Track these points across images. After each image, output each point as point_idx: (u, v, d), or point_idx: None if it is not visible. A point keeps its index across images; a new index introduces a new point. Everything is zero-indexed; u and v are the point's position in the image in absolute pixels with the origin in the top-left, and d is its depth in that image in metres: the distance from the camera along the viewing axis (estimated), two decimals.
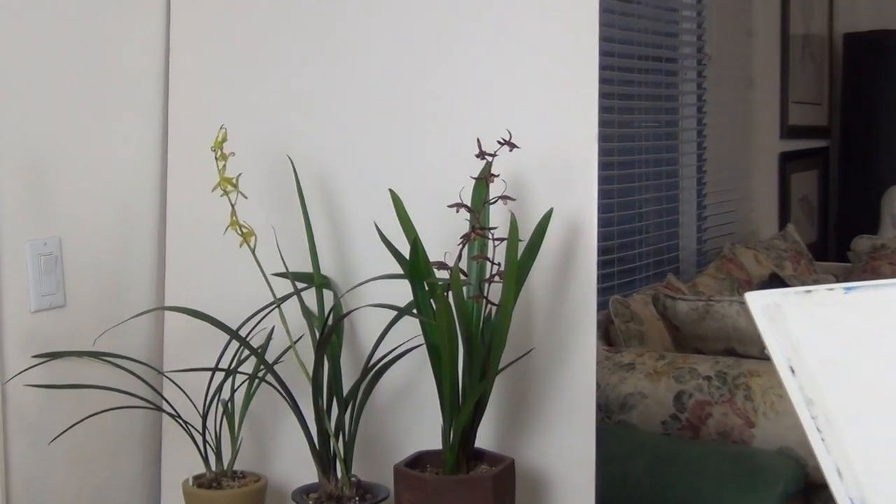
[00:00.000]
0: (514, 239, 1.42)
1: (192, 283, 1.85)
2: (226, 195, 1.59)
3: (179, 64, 1.87)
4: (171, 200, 1.87)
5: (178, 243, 1.87)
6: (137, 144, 1.84)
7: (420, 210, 1.60)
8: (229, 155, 1.60)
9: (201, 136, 1.68)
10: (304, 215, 1.71)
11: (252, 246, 1.61)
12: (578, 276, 1.64)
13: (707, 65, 4.22)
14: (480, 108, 1.70)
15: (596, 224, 1.62)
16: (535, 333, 1.67)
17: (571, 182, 1.64)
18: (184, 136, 1.86)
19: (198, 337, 1.78)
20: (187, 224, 1.86)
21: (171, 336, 1.86)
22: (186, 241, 1.86)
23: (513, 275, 1.44)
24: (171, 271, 1.87)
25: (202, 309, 1.67)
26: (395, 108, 1.76)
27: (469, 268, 1.56)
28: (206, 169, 1.61)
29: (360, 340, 1.77)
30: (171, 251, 1.87)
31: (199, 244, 1.85)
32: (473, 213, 1.51)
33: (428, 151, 1.74)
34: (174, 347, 1.85)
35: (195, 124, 1.85)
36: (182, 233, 1.87)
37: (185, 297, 1.82)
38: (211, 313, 1.66)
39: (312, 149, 1.80)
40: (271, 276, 1.66)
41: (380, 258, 1.60)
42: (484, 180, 1.52)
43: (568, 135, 1.65)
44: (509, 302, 1.46)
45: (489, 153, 1.51)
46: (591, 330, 1.64)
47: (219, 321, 1.65)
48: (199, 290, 1.83)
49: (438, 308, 1.43)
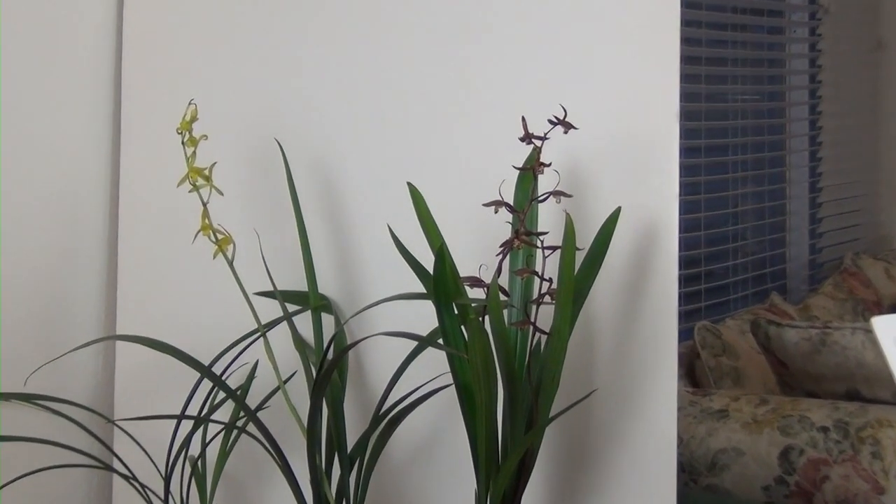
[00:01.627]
0: (570, 247, 1.41)
1: (151, 304, 1.86)
2: (196, 191, 1.60)
3: (136, 19, 1.88)
4: (124, 199, 1.88)
5: (133, 254, 1.87)
6: (80, 123, 1.86)
7: (447, 210, 1.60)
8: (200, 139, 1.60)
9: (164, 114, 1.68)
10: (298, 217, 1.71)
11: (230, 257, 1.61)
12: (654, 296, 1.65)
13: (823, 19, 4.20)
14: (524, 79, 1.71)
15: (677, 228, 1.62)
16: (597, 370, 1.68)
17: (645, 173, 1.64)
18: (141, 113, 1.87)
19: (158, 375, 1.78)
20: (146, 228, 1.87)
21: (124, 374, 1.86)
22: (144, 250, 1.87)
23: (569, 294, 1.43)
24: (124, 290, 1.88)
25: (164, 338, 1.67)
26: (414, 81, 1.78)
27: (511, 285, 1.55)
28: (170, 157, 1.62)
29: (370, 379, 1.77)
30: (125, 264, 1.88)
31: (161, 255, 1.85)
32: (517, 214, 1.50)
33: (457, 134, 1.75)
34: (128, 389, 1.86)
35: (156, 98, 1.86)
36: (139, 240, 1.87)
37: (142, 323, 1.82)
38: (176, 344, 1.66)
39: (309, 131, 1.81)
40: (254, 296, 1.66)
41: (395, 273, 1.60)
42: (531, 171, 1.52)
43: (640, 111, 1.65)
44: (564, 329, 1.45)
45: (537, 136, 1.49)
46: (672, 366, 1.64)
47: (186, 354, 1.65)
48: (161, 315, 1.84)
49: (472, 337, 1.43)
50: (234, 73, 1.86)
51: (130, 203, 1.88)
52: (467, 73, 1.76)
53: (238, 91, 1.85)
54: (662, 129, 1.64)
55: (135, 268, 1.88)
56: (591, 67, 1.68)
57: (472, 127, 1.74)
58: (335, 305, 1.79)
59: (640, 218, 1.63)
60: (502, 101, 1.69)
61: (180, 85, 1.81)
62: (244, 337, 1.70)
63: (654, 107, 1.64)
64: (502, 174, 1.54)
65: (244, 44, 1.87)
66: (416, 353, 1.62)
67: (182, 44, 1.89)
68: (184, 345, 1.67)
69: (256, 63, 1.86)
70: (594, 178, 1.66)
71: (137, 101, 1.88)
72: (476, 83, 1.75)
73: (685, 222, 3.48)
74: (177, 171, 1.61)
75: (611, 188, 1.65)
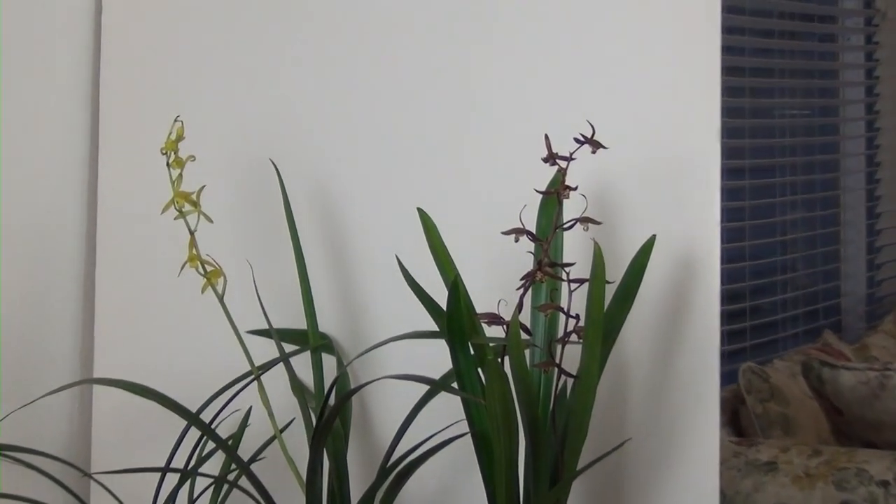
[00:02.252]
0: (599, 280, 1.41)
1: (132, 344, 1.86)
2: (182, 217, 1.60)
3: (115, 28, 1.89)
4: (102, 227, 1.89)
5: (112, 288, 1.88)
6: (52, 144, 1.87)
7: (462, 238, 1.60)
8: (187, 160, 1.60)
9: (147, 133, 1.68)
10: (296, 247, 1.72)
11: (220, 291, 1.62)
12: (694, 335, 1.65)
13: (880, 26, 4.20)
14: (547, 93, 1.71)
15: (719, 258, 1.62)
16: (630, 418, 1.67)
17: (683, 197, 1.65)
18: (121, 132, 1.88)
19: (140, 423, 1.79)
20: (126, 260, 1.87)
21: (101, 422, 1.87)
22: (124, 284, 1.87)
23: (598, 332, 1.42)
24: (102, 328, 1.88)
25: (147, 382, 1.66)
26: (422, 95, 1.78)
27: (534, 322, 1.56)
28: (153, 180, 1.62)
29: (376, 428, 1.77)
30: (104, 299, 1.88)
31: (144, 289, 1.86)
32: (540, 243, 1.50)
33: (473, 154, 1.76)
34: (106, 438, 1.86)
35: (138, 115, 1.86)
36: (118, 273, 1.88)
37: (121, 365, 1.82)
38: (160, 388, 1.65)
39: (307, 152, 1.81)
40: (247, 335, 1.67)
41: (404, 309, 1.60)
42: (555, 195, 1.51)
43: (676, 128, 1.65)
44: (593, 372, 1.45)
45: (562, 156, 1.49)
46: (713, 413, 1.64)
47: (171, 400, 1.63)
48: (143, 356, 1.84)
49: (489, 381, 1.42)
50: (225, 88, 1.87)
51: (109, 232, 1.88)
52: (483, 85, 1.76)
53: (229, 107, 1.86)
54: (702, 148, 1.64)
55: (114, 303, 1.88)
56: (621, 80, 1.69)
57: (489, 146, 1.74)
58: (337, 345, 1.79)
59: (678, 247, 1.63)
60: (522, 118, 1.70)
61: (165, 100, 1.82)
62: (236, 380, 1.69)
63: (693, 123, 1.64)
64: (523, 199, 1.53)
65: (235, 55, 1.87)
66: (428, 398, 1.62)
67: (166, 55, 1.90)
68: (169, 389, 1.66)
69: (249, 77, 1.86)
70: (626, 202, 1.66)
71: (117, 119, 1.89)
72: (493, 97, 1.75)
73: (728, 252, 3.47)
74: (161, 195, 1.61)
75: (644, 214, 1.65)
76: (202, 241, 1.62)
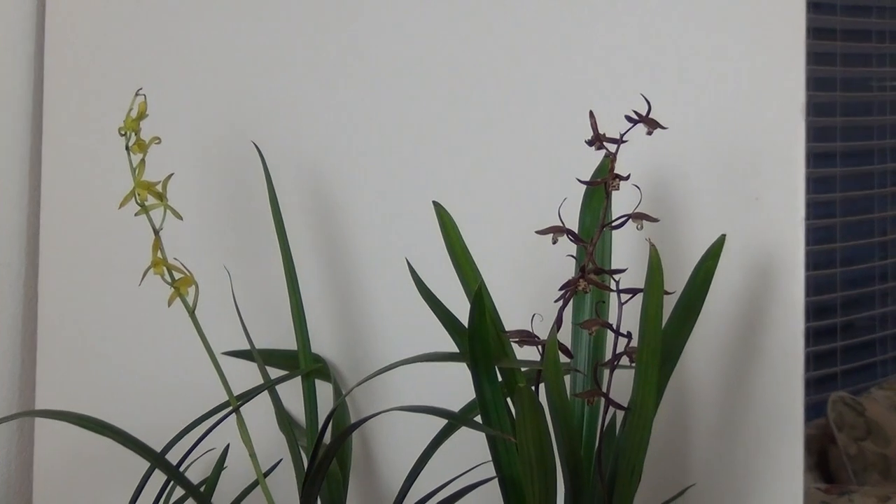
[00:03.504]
0: (656, 291, 1.39)
1: (82, 369, 1.87)
2: (145, 213, 1.60)
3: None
4: (46, 224, 1.90)
5: (57, 300, 1.89)
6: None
7: (487, 239, 1.61)
8: (151, 143, 1.60)
9: (102, 111, 1.71)
10: (284, 250, 1.72)
11: (191, 303, 1.62)
12: (772, 358, 1.65)
13: None
14: (591, 60, 1.72)
15: (803, 264, 1.63)
16: (693, 458, 1.68)
17: (758, 188, 1.65)
18: (69, 106, 1.88)
19: (93, 465, 1.80)
20: (75, 266, 1.88)
21: (45, 463, 1.87)
22: (73, 295, 1.88)
23: (655, 354, 1.41)
24: (46, 349, 1.89)
25: (101, 415, 1.64)
26: (437, 65, 1.79)
27: (576, 342, 1.56)
28: (109, 168, 1.64)
29: (382, 471, 1.78)
30: (47, 314, 1.89)
31: (97, 301, 1.87)
32: (583, 245, 1.50)
33: (499, 137, 1.76)
34: (50, 483, 1.86)
35: (90, 87, 1.87)
36: (66, 281, 1.88)
37: (70, 394, 1.83)
38: (117, 422, 1.63)
39: (298, 135, 1.82)
40: (224, 357, 1.68)
41: (415, 325, 1.62)
42: (602, 186, 1.50)
43: (750, 104, 1.66)
44: (648, 403, 1.43)
45: (611, 138, 1.47)
46: (796, 454, 1.64)
47: (130, 436, 1.62)
48: (96, 383, 1.85)
49: (521, 414, 1.39)
50: (198, 55, 1.88)
51: (55, 231, 1.89)
52: (511, 52, 1.76)
53: (202, 79, 1.87)
54: (782, 129, 1.64)
55: (60, 319, 1.88)
56: (681, 44, 1.69)
57: (520, 126, 1.75)
58: (334, 369, 1.80)
59: (752, 250, 1.64)
60: (561, 91, 1.70)
61: (124, 71, 1.83)
62: (210, 413, 1.68)
63: (771, 97, 1.64)
64: (562, 191, 1.53)
65: (210, 14, 1.88)
66: (445, 435, 1.62)
67: (126, 15, 1.90)
68: (128, 423, 1.65)
69: (227, 42, 1.87)
70: (688, 195, 1.67)
71: (65, 91, 1.89)
72: (524, 66, 1.75)
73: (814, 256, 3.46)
74: (119, 186, 1.59)
75: (711, 209, 1.66)
76: (169, 243, 1.60)
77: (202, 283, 1.62)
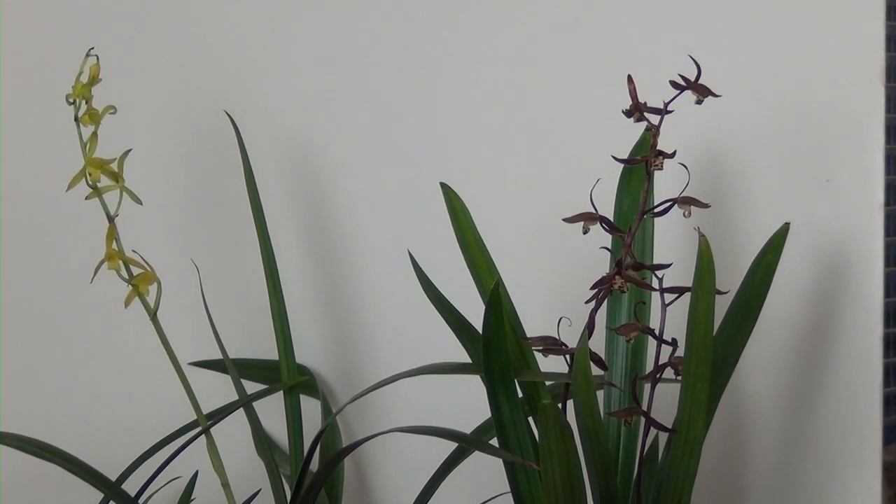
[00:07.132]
0: (707, 290, 1.32)
1: (26, 383, 1.83)
2: (97, 196, 1.54)
3: None
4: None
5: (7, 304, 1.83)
6: None
7: (504, 227, 1.57)
8: (105, 113, 1.54)
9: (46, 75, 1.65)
10: (262, 241, 1.68)
11: (152, 305, 1.55)
12: (845, 369, 1.61)
13: None
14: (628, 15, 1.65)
15: (882, 258, 1.58)
16: (751, 490, 1.61)
17: (827, 169, 1.59)
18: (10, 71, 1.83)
19: (42, 495, 1.77)
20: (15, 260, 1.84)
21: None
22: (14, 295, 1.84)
23: (706, 366, 1.34)
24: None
25: (49, 437, 1.61)
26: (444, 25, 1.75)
27: (610, 350, 1.51)
28: (55, 143, 1.57)
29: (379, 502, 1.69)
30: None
31: (42, 302, 1.82)
32: (620, 235, 1.44)
33: (517, 107, 1.73)
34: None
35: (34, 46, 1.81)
36: (6, 278, 1.83)
37: (13, 414, 1.78)
38: (67, 446, 1.60)
39: (280, 108, 1.77)
40: (190, 368, 1.63)
41: (417, 330, 1.60)
42: (643, 165, 1.44)
43: (818, 66, 1.61)
44: (697, 423, 1.35)
45: (653, 108, 1.41)
46: (873, 484, 1.59)
47: (82, 463, 1.59)
48: (43, 400, 1.82)
49: (546, 436, 1.33)
50: (160, 12, 1.82)
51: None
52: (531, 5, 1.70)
53: (165, 39, 1.84)
54: (856, 98, 1.59)
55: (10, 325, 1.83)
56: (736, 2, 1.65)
57: (543, 94, 1.71)
58: (322, 383, 1.78)
59: (821, 242, 1.59)
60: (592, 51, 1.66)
61: (72, 27, 1.78)
62: (175, 434, 1.65)
63: (843, 59, 1.59)
64: (594, 170, 1.46)
65: None
66: (455, 461, 1.57)
67: None
68: (79, 448, 1.62)
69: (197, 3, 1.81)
70: (744, 176, 1.62)
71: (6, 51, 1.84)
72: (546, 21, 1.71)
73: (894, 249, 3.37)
74: (67, 164, 1.54)
75: (772, 193, 1.62)
76: (127, 232, 1.54)
77: (166, 281, 1.57)
